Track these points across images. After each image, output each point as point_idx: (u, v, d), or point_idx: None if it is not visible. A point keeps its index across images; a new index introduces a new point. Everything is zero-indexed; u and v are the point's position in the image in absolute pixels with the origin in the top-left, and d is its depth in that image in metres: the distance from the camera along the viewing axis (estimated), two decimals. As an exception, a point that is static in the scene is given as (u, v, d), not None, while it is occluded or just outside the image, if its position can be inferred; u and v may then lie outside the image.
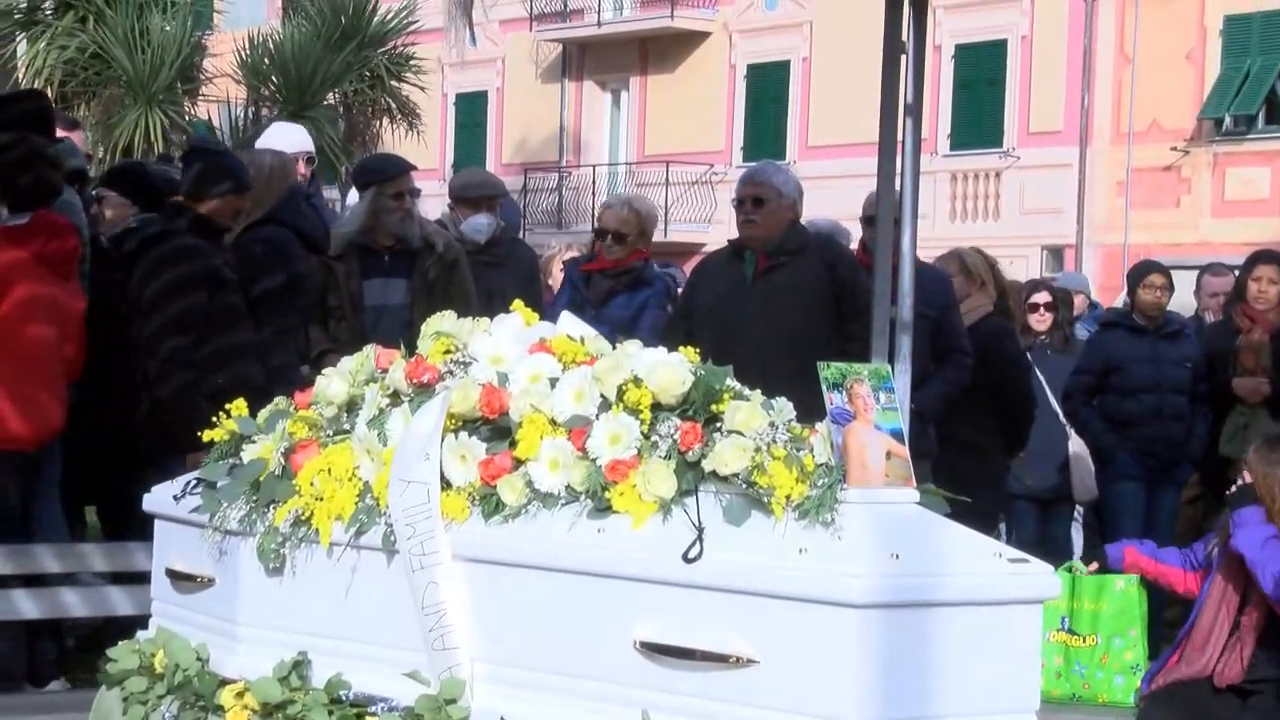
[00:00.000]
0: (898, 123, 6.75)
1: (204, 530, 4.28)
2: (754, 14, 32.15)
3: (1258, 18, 26.81)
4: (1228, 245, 22.66)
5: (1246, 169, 27.13)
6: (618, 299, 7.77)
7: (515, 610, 3.74)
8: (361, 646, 3.97)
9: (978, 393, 7.82)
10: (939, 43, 27.33)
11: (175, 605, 4.45)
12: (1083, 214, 28.25)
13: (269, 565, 4.11)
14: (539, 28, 34.59)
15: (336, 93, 20.31)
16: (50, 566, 6.27)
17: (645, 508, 3.58)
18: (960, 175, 29.15)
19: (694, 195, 31.49)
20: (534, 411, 3.83)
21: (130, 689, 4.31)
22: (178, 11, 19.75)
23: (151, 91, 18.76)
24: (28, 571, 6.22)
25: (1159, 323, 8.99)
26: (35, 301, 6.50)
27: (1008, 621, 3.46)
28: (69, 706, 5.11)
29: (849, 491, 3.45)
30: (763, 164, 7.83)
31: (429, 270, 7.16)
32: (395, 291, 7.15)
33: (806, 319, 6.79)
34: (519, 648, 3.73)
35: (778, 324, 6.72)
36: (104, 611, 6.11)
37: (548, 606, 3.68)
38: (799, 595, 3.32)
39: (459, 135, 35.88)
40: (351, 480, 4.04)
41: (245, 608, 4.19)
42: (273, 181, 7.23)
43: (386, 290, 7.14)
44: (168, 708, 4.21)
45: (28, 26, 19.89)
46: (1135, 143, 27.80)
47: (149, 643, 4.40)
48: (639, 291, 7.81)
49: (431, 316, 4.31)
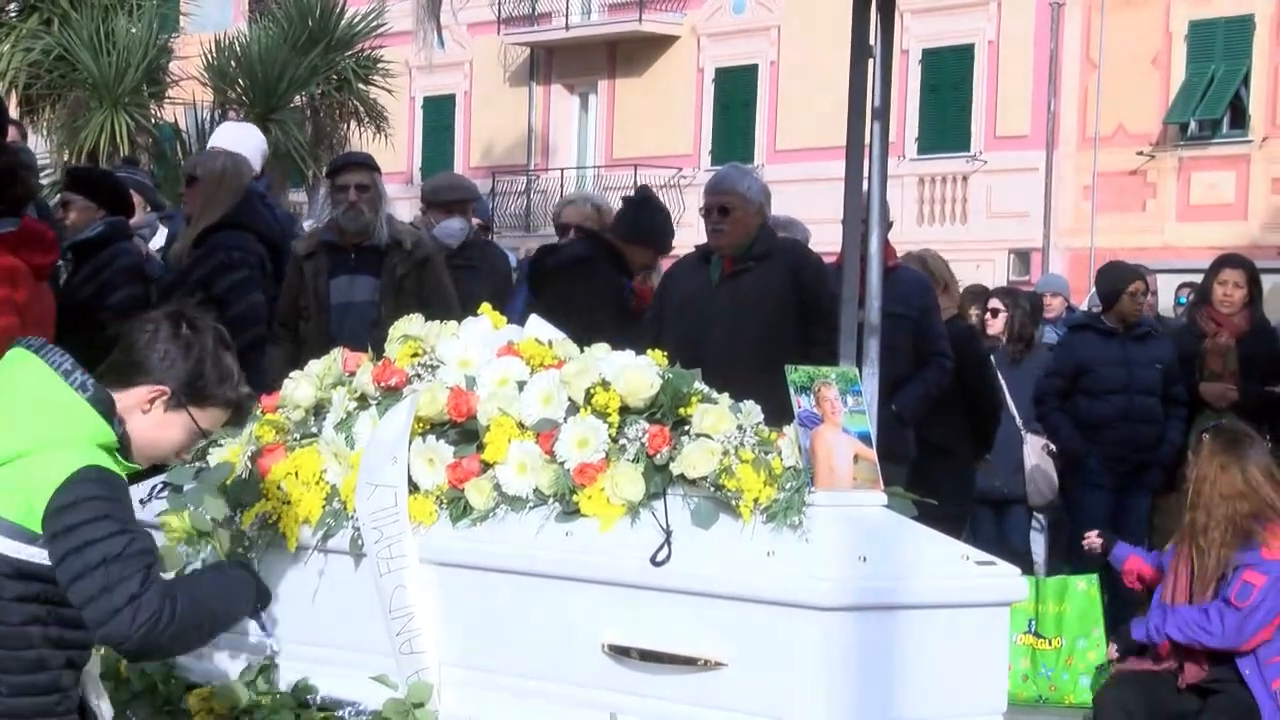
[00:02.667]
0: (865, 126, 6.77)
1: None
2: (722, 18, 32.18)
3: (1222, 24, 26.93)
4: (1193, 249, 22.77)
5: (1211, 173, 27.25)
6: None
7: (483, 613, 3.74)
8: (329, 650, 3.97)
9: (947, 395, 7.85)
10: (906, 47, 27.36)
11: (141, 609, 4.44)
12: (1049, 218, 28.33)
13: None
14: (506, 31, 34.56)
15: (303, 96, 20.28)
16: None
17: (613, 511, 3.58)
18: (927, 179, 29.19)
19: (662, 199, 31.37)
20: (502, 415, 3.83)
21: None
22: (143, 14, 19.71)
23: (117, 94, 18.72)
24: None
25: (1130, 323, 8.90)
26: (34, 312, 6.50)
27: (975, 624, 3.47)
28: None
29: (817, 494, 3.45)
30: (727, 170, 7.79)
31: (396, 268, 7.13)
32: (361, 289, 7.12)
33: (770, 323, 6.79)
34: (487, 651, 3.73)
35: (742, 327, 6.73)
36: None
37: (516, 610, 3.68)
38: (767, 598, 3.32)
39: (427, 138, 35.84)
40: (319, 484, 4.04)
41: (212, 612, 4.17)
42: (226, 182, 7.20)
43: (352, 287, 7.11)
44: (134, 713, 4.19)
45: (-9, 29, 19.81)
46: (1101, 147, 27.90)
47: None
48: None
49: (398, 317, 4.30)
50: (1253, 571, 6.06)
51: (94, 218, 7.21)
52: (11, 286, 6.43)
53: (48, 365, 3.31)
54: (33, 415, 3.27)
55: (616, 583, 3.52)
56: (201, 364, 3.42)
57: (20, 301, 6.42)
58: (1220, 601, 6.06)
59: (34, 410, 3.27)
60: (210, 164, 7.33)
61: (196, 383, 3.41)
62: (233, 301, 6.87)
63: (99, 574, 3.17)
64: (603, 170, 33.11)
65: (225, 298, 6.84)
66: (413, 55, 25.35)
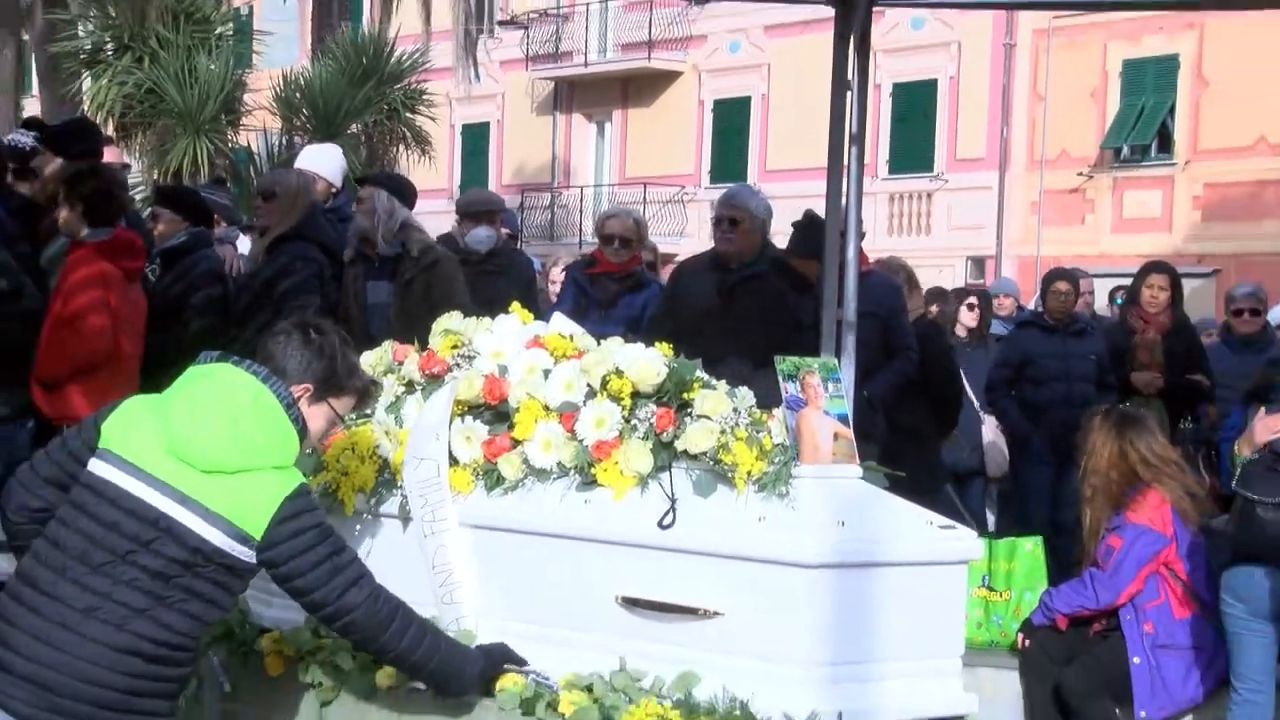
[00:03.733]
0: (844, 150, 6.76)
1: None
2: (719, 56, 32.17)
3: (1151, 62, 26.95)
4: (1125, 257, 22.71)
5: (1141, 192, 27.30)
6: (624, 300, 7.68)
7: (513, 570, 3.73)
8: (381, 601, 3.96)
9: (914, 384, 7.83)
10: (879, 82, 27.35)
11: (220, 565, 4.43)
12: (1001, 230, 28.32)
13: (301, 531, 4.09)
14: (534, 68, 34.53)
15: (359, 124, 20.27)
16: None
17: (626, 482, 3.58)
18: (897, 196, 29.17)
19: (668, 212, 31.42)
20: (529, 399, 3.83)
21: (182, 638, 4.28)
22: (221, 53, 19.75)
23: (199, 122, 18.73)
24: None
25: (1067, 322, 8.96)
26: (125, 313, 6.48)
27: (938, 579, 3.46)
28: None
29: (802, 468, 3.44)
30: (740, 188, 7.76)
31: (405, 272, 7.10)
32: (382, 292, 7.12)
33: (768, 323, 6.77)
34: (517, 602, 3.72)
35: (751, 329, 6.69)
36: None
37: (541, 567, 3.67)
38: (758, 557, 3.32)
39: (465, 161, 35.79)
40: (372, 458, 4.03)
41: (280, 568, 4.17)
42: (298, 198, 7.19)
43: (377, 290, 7.11)
44: (212, 652, 4.19)
45: (92, 65, 19.88)
46: (1046, 169, 27.91)
47: (197, 598, 4.38)
48: (640, 293, 7.73)
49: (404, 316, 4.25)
50: (1114, 535, 6.02)
51: (179, 228, 7.20)
52: (105, 289, 6.41)
53: (267, 389, 3.42)
54: (256, 434, 3.38)
55: (628, 544, 3.51)
56: (334, 360, 3.52)
57: (113, 303, 6.40)
58: (1092, 568, 6.06)
59: (257, 430, 3.38)
60: (287, 182, 7.31)
61: (331, 378, 3.50)
62: (289, 300, 6.86)
63: (328, 564, 3.38)
64: (616, 188, 33.05)
65: (284, 297, 6.84)
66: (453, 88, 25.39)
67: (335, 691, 3.85)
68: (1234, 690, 5.68)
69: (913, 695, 3.36)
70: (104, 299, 6.37)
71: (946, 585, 3.47)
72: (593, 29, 33.89)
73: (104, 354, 6.36)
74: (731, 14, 30.20)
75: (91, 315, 6.37)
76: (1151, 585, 6.03)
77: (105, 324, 6.34)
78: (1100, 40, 27.21)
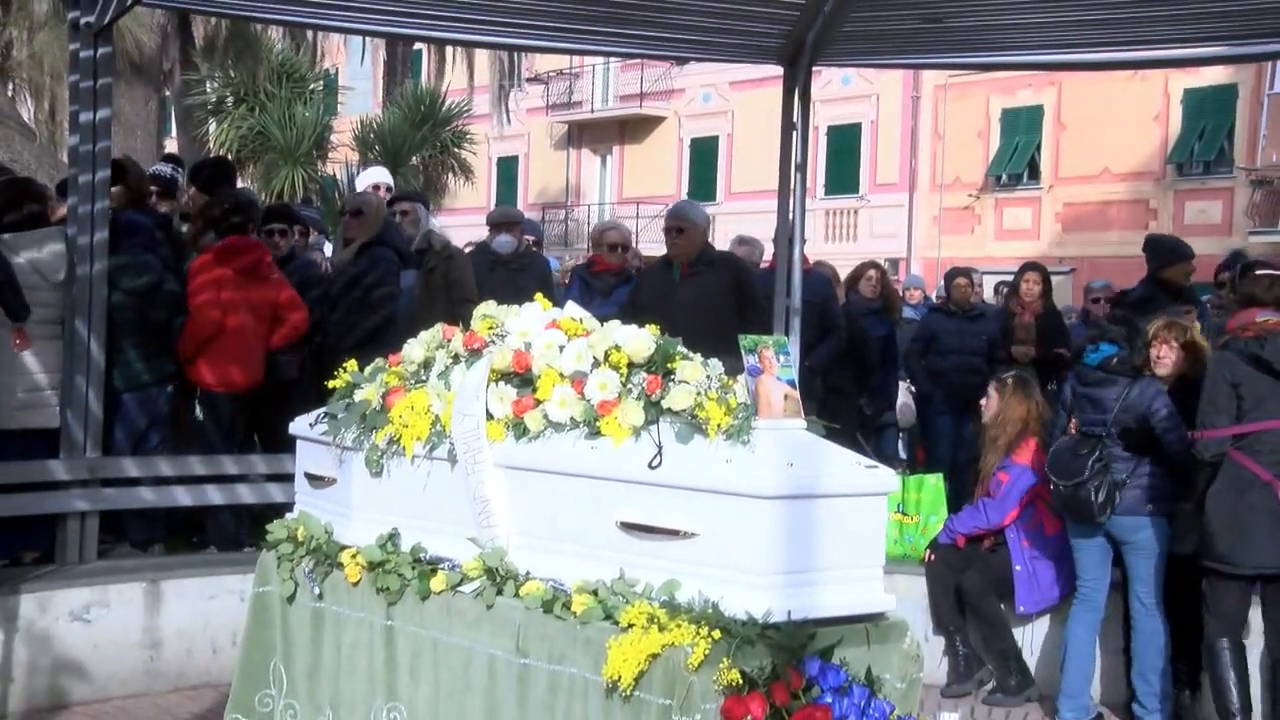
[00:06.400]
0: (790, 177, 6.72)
1: (329, 446, 4.21)
2: (695, 104, 32.25)
3: (1024, 111, 27.32)
4: (1006, 258, 22.77)
5: (1017, 209, 27.67)
6: (617, 290, 7.68)
7: (536, 501, 3.69)
8: (434, 524, 3.91)
9: (842, 354, 7.84)
10: (816, 124, 27.42)
11: (310, 496, 4.38)
12: (911, 238, 28.51)
13: (372, 470, 4.04)
14: (552, 113, 34.55)
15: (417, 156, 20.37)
16: (230, 469, 6.22)
17: (623, 432, 3.53)
18: (831, 212, 29.29)
19: (655, 226, 31.28)
20: (549, 368, 3.77)
21: (281, 552, 4.24)
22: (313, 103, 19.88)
23: (296, 156, 18.78)
24: (217, 473, 6.17)
25: (966, 308, 9.03)
26: (235, 302, 6.45)
27: (865, 507, 3.42)
28: (247, 561, 5.03)
29: (759, 421, 3.39)
30: (683, 202, 7.70)
31: (429, 262, 7.14)
32: (409, 277, 7.15)
33: (718, 307, 6.69)
34: (539, 525, 3.68)
35: (697, 312, 6.62)
36: (265, 500, 6.05)
37: (558, 498, 3.62)
38: (726, 490, 3.27)
39: (499, 185, 35.82)
40: (427, 414, 3.98)
41: (356, 498, 4.11)
42: (378, 214, 7.18)
43: (405, 277, 7.13)
44: (305, 564, 4.15)
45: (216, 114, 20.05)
46: (945, 191, 28.10)
47: (294, 521, 4.33)
48: (630, 285, 7.73)
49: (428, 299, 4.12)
50: (1003, 472, 6.04)
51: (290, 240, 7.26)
52: (217, 290, 6.42)
53: None
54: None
55: (625, 480, 3.46)
56: None
57: (224, 300, 6.42)
58: (984, 498, 6.06)
59: None
60: (371, 202, 7.30)
61: None
62: (376, 291, 6.83)
63: None
64: (615, 206, 33.12)
65: (371, 289, 6.83)
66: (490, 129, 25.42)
67: (399, 595, 3.81)
68: (1078, 588, 5.71)
69: (845, 596, 3.32)
70: (217, 299, 6.40)
71: (871, 512, 3.43)
72: (598, 83, 33.97)
73: (212, 338, 6.42)
74: (704, 72, 30.34)
75: (207, 309, 6.42)
76: (1029, 511, 6.03)
77: (216, 315, 6.37)
78: (984, 93, 27.41)
